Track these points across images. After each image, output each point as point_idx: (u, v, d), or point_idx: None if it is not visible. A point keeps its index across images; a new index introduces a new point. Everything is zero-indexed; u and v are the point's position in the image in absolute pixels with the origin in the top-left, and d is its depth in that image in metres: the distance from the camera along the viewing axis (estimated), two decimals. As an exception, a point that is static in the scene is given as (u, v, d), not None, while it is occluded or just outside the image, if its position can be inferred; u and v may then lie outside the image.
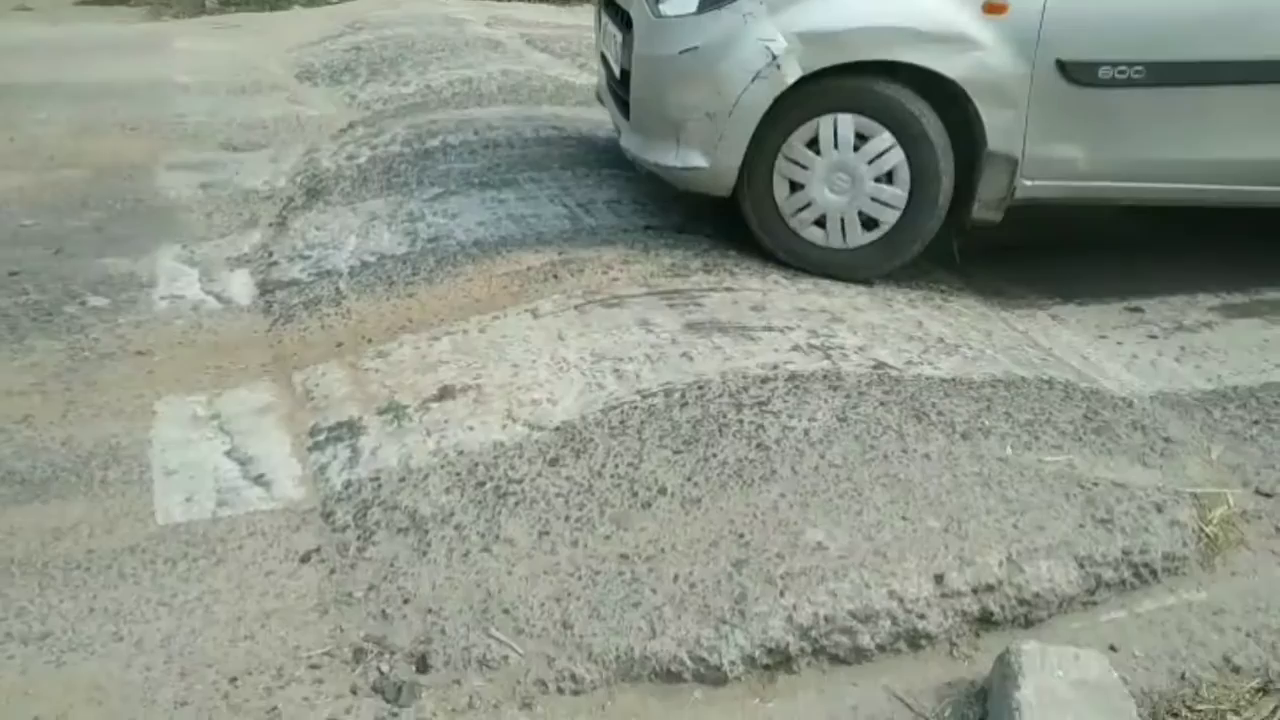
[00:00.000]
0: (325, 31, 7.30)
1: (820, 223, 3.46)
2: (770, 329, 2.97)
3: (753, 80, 3.30)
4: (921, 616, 2.12)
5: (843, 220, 3.45)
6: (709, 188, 3.53)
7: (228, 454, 2.65)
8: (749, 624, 2.06)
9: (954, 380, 2.83)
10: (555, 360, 2.84)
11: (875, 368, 2.82)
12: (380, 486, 2.45)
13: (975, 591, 2.17)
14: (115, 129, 5.11)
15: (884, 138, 3.36)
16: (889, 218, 3.43)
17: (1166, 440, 2.76)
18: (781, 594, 2.10)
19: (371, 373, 2.90)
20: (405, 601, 2.15)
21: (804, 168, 3.41)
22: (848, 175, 3.40)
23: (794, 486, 2.37)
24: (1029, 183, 3.50)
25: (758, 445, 2.48)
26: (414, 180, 4.13)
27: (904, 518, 2.30)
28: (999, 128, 3.39)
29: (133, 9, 8.88)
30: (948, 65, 3.31)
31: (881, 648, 2.10)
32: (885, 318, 3.15)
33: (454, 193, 3.98)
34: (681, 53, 3.40)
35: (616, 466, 2.45)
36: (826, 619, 2.07)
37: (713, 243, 3.60)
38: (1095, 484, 2.48)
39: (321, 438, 2.68)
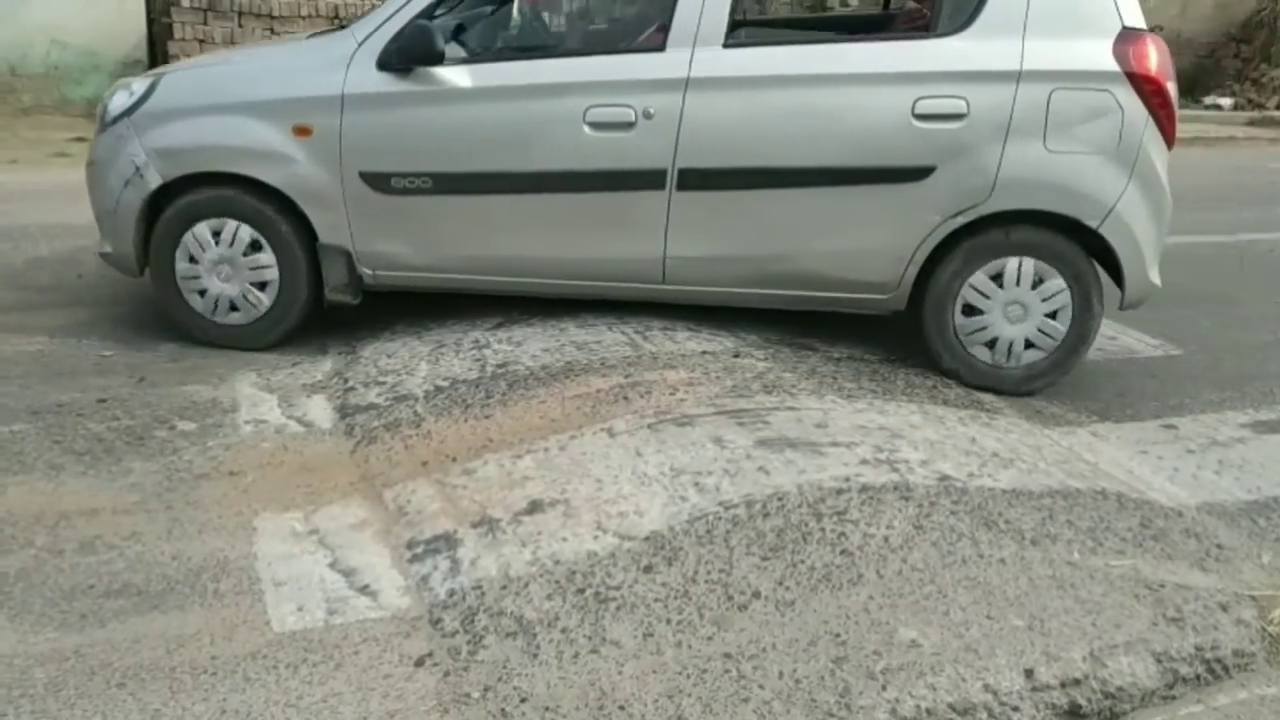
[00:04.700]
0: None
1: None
2: (836, 444, 3.14)
3: (125, 186, 4.11)
4: (1015, 709, 2.24)
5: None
6: (119, 268, 4.32)
7: (331, 566, 2.78)
8: (855, 717, 2.18)
9: (1015, 491, 2.99)
10: (637, 475, 2.99)
11: (940, 480, 2.98)
12: (484, 594, 2.58)
13: (1063, 685, 2.29)
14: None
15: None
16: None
17: (1219, 547, 2.91)
18: (884, 688, 2.22)
19: (460, 489, 3.05)
20: (523, 700, 2.26)
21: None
22: (230, 267, 4.13)
23: (881, 589, 2.51)
24: (370, 271, 4.18)
25: (842, 551, 2.63)
26: (475, 310, 4.34)
27: (988, 617, 2.43)
28: (326, 225, 4.09)
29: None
30: (271, 176, 4.02)
31: (979, 740, 2.22)
32: (941, 434, 3.33)
33: (516, 321, 4.19)
34: (89, 164, 4.30)
35: (709, 573, 2.59)
36: (928, 711, 2.19)
37: (767, 366, 3.80)
38: (1162, 586, 2.63)
39: (420, 550, 2.81)
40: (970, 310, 3.97)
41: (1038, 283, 3.92)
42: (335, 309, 4.28)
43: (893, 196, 3.88)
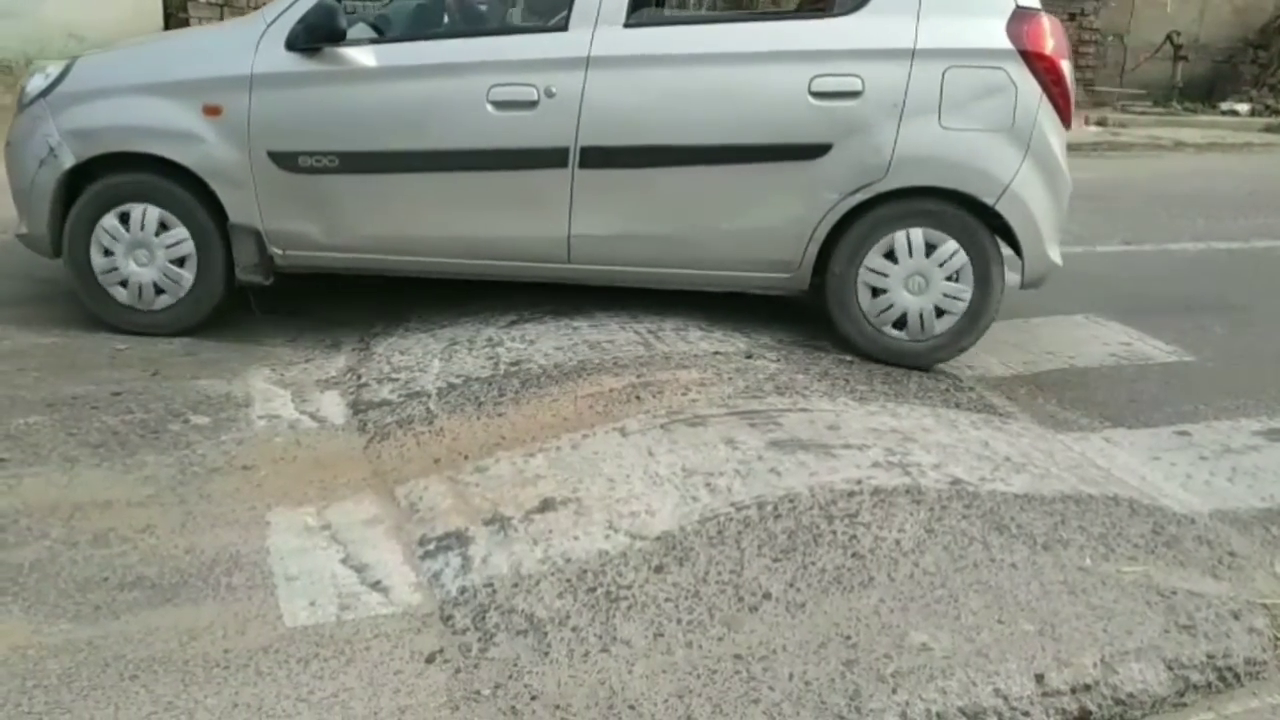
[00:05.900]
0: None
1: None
2: (849, 447, 3.14)
3: (39, 166, 4.13)
4: (1026, 714, 2.24)
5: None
6: (36, 249, 4.35)
7: (343, 562, 2.79)
8: (865, 719, 2.18)
9: (1027, 496, 2.98)
10: (648, 475, 3.00)
11: (952, 483, 2.98)
12: (495, 592, 2.59)
13: (1074, 691, 2.29)
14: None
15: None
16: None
17: (1231, 554, 2.91)
18: (894, 691, 2.22)
19: (472, 486, 3.05)
20: (533, 698, 2.27)
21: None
22: (147, 251, 4.15)
23: (892, 592, 2.51)
24: (280, 252, 4.19)
25: (853, 554, 2.63)
26: (488, 307, 4.35)
27: (1000, 621, 2.43)
28: (236, 204, 4.09)
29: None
30: (181, 155, 4.03)
31: (989, 744, 2.22)
32: (953, 438, 3.32)
33: (529, 319, 4.20)
34: (6, 144, 4.34)
35: (720, 573, 2.59)
36: (938, 715, 2.19)
37: (779, 368, 3.80)
38: (1173, 593, 2.62)
39: (432, 547, 2.82)
40: (899, 325, 4.05)
41: (888, 253, 3.98)
42: (352, 304, 4.30)
43: (791, 174, 3.92)
